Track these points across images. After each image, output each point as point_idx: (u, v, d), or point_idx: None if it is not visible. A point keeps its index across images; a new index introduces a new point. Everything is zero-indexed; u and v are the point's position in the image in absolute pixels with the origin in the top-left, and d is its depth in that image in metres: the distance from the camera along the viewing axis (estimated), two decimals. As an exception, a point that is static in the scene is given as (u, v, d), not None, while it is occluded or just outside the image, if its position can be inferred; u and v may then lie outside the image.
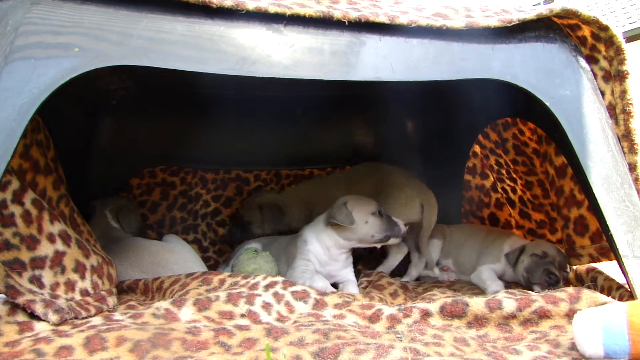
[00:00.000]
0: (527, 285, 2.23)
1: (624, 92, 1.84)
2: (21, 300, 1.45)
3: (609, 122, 1.78)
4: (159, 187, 3.18)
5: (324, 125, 3.34)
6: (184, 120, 3.07)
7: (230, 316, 1.64)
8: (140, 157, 3.11)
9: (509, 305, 1.58)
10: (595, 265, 2.16)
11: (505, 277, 2.42)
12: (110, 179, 2.98)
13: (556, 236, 2.52)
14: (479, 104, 2.40)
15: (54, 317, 1.46)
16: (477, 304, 1.60)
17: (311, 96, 2.91)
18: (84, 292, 1.76)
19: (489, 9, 1.80)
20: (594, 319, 1.27)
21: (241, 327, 1.45)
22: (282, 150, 3.30)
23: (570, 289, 1.64)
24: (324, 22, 1.62)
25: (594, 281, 2.05)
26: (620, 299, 1.72)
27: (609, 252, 1.97)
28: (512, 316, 1.57)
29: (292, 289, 1.84)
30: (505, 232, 2.66)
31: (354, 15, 1.62)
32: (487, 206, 2.98)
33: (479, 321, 1.59)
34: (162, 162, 3.17)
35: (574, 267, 2.23)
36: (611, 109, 1.87)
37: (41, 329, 1.43)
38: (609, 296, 1.72)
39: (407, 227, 2.37)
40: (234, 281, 1.95)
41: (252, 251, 2.50)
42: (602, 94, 1.86)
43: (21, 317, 1.45)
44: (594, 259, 2.11)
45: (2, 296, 1.45)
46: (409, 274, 2.78)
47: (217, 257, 3.16)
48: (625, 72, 1.83)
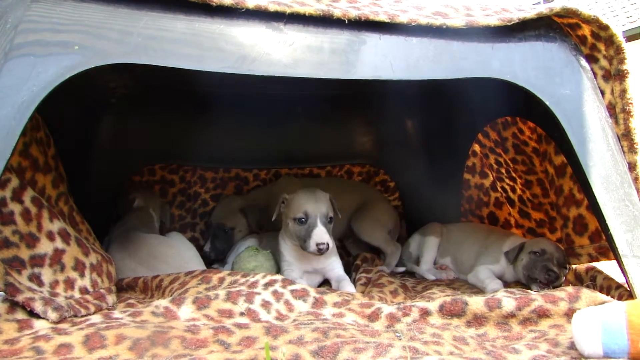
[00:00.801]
0: (527, 281, 2.24)
1: (623, 92, 1.84)
2: (20, 298, 1.45)
3: (608, 121, 1.78)
4: (158, 185, 3.17)
5: (324, 124, 3.34)
6: (183, 118, 3.07)
7: (229, 314, 1.64)
8: (139, 155, 3.10)
9: (509, 304, 1.58)
10: (594, 264, 2.16)
11: (505, 278, 2.41)
12: (109, 177, 2.98)
13: (555, 235, 2.52)
14: (479, 103, 2.40)
15: (53, 315, 1.46)
16: (476, 303, 1.60)
17: (311, 95, 2.91)
18: (83, 290, 1.77)
19: (489, 8, 1.80)
20: (593, 318, 1.27)
21: (240, 326, 1.45)
22: (282, 149, 3.30)
23: (569, 288, 1.64)
24: (324, 21, 1.62)
25: (593, 280, 2.05)
26: (619, 298, 1.72)
27: (608, 251, 1.97)
28: (512, 315, 1.57)
29: (292, 287, 1.84)
30: (505, 233, 2.65)
31: (353, 13, 1.62)
32: (487, 205, 2.98)
33: (478, 320, 1.59)
34: (161, 160, 3.16)
35: (573, 266, 2.23)
36: (611, 108, 1.87)
37: (40, 326, 1.43)
38: (608, 295, 1.72)
39: (325, 246, 2.07)
40: (234, 279, 1.95)
41: (253, 249, 2.51)
42: (602, 93, 1.86)
43: (20, 315, 1.45)
44: (593, 259, 2.11)
45: (1, 294, 1.45)
46: (388, 263, 2.83)
47: (215, 256, 3.15)
48: (625, 71, 1.83)
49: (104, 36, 1.45)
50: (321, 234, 2.09)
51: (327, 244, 2.08)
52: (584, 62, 1.81)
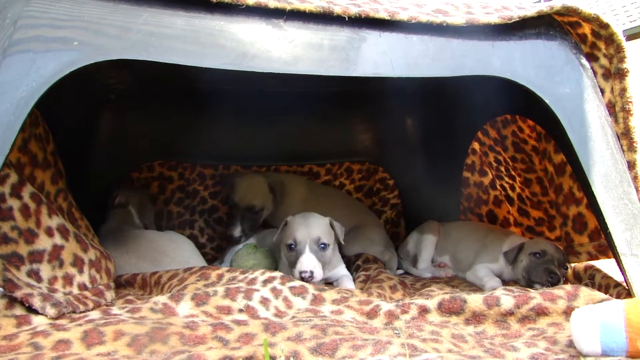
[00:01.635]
0: (527, 284, 2.22)
1: (623, 90, 1.84)
2: (19, 293, 1.45)
3: (608, 120, 1.78)
4: (157, 181, 3.17)
5: (324, 121, 3.33)
6: (183, 115, 3.06)
7: (228, 311, 1.64)
8: (139, 151, 3.10)
9: (507, 302, 1.58)
10: (593, 263, 2.16)
11: (503, 277, 2.41)
12: (109, 173, 2.97)
13: (555, 234, 2.52)
14: (479, 101, 2.40)
15: (51, 311, 1.46)
16: (475, 301, 1.61)
17: (311, 92, 2.91)
18: (82, 286, 1.77)
19: (489, 6, 1.80)
20: (592, 317, 1.27)
21: (239, 322, 1.45)
22: (281, 146, 3.29)
23: (568, 287, 1.65)
24: (324, 18, 1.62)
25: (591, 279, 2.05)
26: (618, 296, 1.72)
27: (607, 249, 1.97)
28: (510, 313, 1.57)
29: (290, 284, 1.84)
30: (504, 232, 2.64)
31: (354, 10, 1.61)
32: (486, 203, 2.98)
33: (476, 318, 1.59)
34: (160, 157, 3.16)
35: (572, 264, 2.23)
36: (611, 107, 1.87)
37: (39, 322, 1.43)
38: (606, 294, 1.72)
39: (308, 274, 1.98)
40: (232, 276, 1.95)
41: (251, 247, 2.51)
42: (602, 91, 1.86)
43: (19, 311, 1.45)
44: (592, 257, 2.11)
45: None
46: (390, 269, 2.78)
47: (214, 254, 3.15)
48: (625, 70, 1.83)
49: (103, 32, 1.45)
50: (306, 262, 2.00)
51: (311, 272, 1.97)
52: (584, 60, 1.80)
